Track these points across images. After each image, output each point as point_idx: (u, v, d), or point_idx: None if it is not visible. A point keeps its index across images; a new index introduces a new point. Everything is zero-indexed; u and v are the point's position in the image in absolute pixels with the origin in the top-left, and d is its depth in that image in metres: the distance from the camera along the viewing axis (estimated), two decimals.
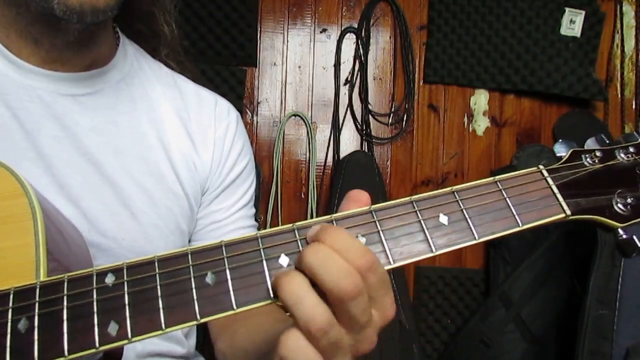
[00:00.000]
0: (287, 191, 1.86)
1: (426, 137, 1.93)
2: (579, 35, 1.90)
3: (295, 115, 1.86)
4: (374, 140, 1.89)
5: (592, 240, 1.44)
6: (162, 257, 0.40)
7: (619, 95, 2.00)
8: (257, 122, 1.86)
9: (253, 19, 1.82)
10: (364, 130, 1.89)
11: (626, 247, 0.46)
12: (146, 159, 0.70)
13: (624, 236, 0.46)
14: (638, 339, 1.36)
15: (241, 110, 1.81)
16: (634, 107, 2.00)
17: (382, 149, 1.91)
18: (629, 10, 1.99)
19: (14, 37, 0.63)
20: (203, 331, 0.96)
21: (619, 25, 1.98)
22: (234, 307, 0.39)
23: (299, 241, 0.42)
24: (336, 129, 1.87)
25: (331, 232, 0.40)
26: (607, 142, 0.51)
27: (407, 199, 0.45)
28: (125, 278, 0.39)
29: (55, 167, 0.63)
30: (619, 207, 0.47)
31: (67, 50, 0.65)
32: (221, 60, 1.81)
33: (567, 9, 1.88)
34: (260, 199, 1.81)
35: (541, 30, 1.88)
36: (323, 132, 1.89)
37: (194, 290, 0.39)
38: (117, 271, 0.40)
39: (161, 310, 0.38)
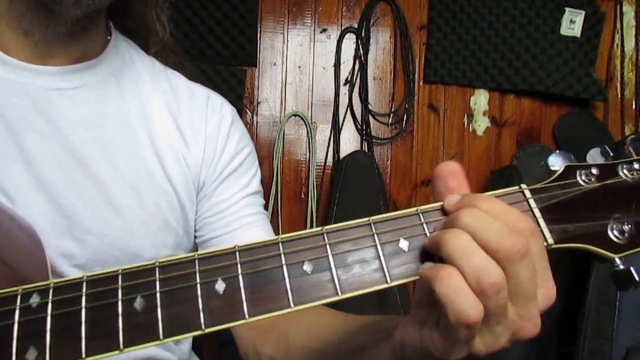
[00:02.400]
0: (287, 191, 1.86)
1: (426, 137, 1.93)
2: (579, 35, 1.90)
3: (295, 115, 1.86)
4: (374, 140, 1.89)
5: None
6: (91, 277, 0.38)
7: (619, 95, 2.00)
8: (257, 122, 1.86)
9: (253, 19, 1.82)
10: (364, 130, 1.89)
11: (622, 279, 0.40)
12: (134, 153, 0.69)
13: (621, 267, 0.40)
14: (638, 339, 1.36)
15: (241, 110, 1.81)
16: (634, 107, 2.00)
17: (382, 149, 1.91)
18: (629, 10, 1.99)
19: (4, 28, 0.63)
20: None
21: (619, 25, 1.98)
22: (160, 337, 0.36)
23: (239, 265, 0.38)
24: (336, 129, 1.87)
25: (485, 199, 0.37)
26: (612, 154, 0.44)
27: (365, 219, 0.40)
28: (50, 299, 0.37)
29: (37, 164, 0.63)
30: (614, 234, 0.41)
31: (57, 43, 0.64)
32: (221, 60, 1.81)
33: (567, 9, 1.88)
34: None
35: (541, 30, 1.88)
36: (323, 132, 1.88)
37: (119, 317, 0.36)
38: (43, 291, 0.37)
39: (83, 337, 0.36)
